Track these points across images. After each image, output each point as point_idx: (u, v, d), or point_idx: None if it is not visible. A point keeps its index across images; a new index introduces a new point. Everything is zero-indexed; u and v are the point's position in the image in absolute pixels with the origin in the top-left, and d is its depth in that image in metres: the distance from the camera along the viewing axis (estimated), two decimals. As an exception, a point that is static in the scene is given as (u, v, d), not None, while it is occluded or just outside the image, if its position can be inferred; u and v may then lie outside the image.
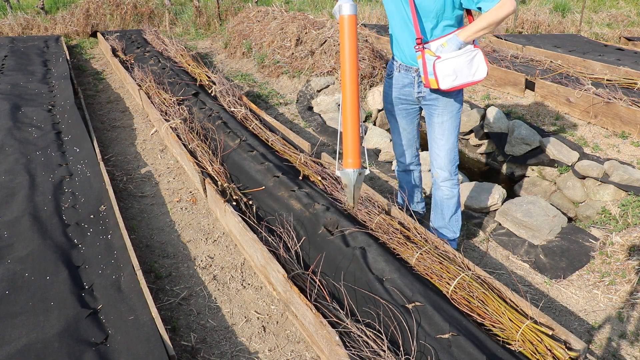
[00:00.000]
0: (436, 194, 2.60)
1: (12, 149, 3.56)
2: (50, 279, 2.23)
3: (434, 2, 2.14)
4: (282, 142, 3.59)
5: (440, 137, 2.44)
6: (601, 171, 3.53)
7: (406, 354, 1.81)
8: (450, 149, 2.45)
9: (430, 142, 2.52)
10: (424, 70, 2.22)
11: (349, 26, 2.00)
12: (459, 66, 2.16)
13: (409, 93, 2.47)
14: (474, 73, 2.20)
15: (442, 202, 2.59)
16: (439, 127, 2.43)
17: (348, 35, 2.01)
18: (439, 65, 2.16)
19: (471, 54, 2.18)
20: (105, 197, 2.94)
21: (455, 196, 2.56)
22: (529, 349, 1.76)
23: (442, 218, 2.63)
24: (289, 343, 2.12)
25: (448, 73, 2.16)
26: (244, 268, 2.61)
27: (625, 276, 2.53)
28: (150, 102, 4.42)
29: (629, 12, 10.13)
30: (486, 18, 2.08)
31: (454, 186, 2.54)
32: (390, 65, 2.54)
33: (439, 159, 2.49)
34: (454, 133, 2.44)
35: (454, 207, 2.59)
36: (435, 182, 2.57)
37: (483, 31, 2.11)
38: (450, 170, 2.50)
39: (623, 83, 4.85)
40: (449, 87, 2.19)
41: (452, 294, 2.04)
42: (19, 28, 8.38)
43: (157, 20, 9.26)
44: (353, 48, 2.03)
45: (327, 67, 5.46)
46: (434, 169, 2.55)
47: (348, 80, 2.07)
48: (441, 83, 2.18)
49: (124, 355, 1.83)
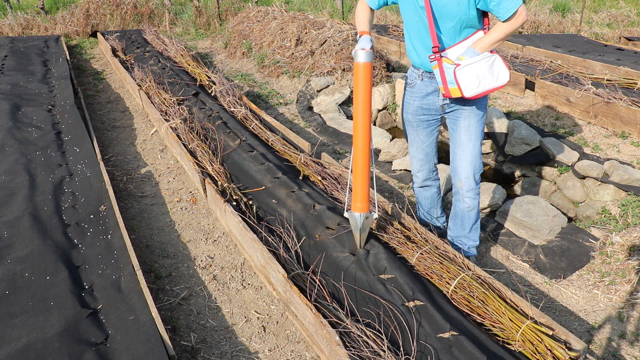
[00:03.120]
0: (457, 205, 2.50)
1: (12, 149, 3.56)
2: (50, 279, 2.23)
3: (457, 6, 2.06)
4: (282, 142, 3.59)
5: (467, 142, 2.34)
6: (601, 171, 3.53)
7: (406, 354, 1.81)
8: (477, 154, 2.36)
9: (455, 150, 2.41)
10: (443, 79, 2.15)
11: (364, 73, 2.03)
12: (480, 72, 2.09)
13: (432, 102, 2.38)
14: (497, 78, 2.14)
15: (462, 214, 2.49)
16: (465, 132, 2.34)
17: (362, 82, 2.04)
18: (460, 72, 2.08)
19: (490, 59, 2.12)
20: (105, 197, 2.94)
21: (476, 207, 2.46)
22: (529, 349, 1.76)
23: (461, 229, 2.55)
24: (289, 343, 2.12)
25: (471, 79, 2.09)
26: (244, 268, 2.61)
27: (625, 276, 2.53)
28: (150, 102, 4.42)
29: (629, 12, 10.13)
30: (503, 29, 2.04)
31: (477, 196, 2.44)
32: (411, 74, 2.44)
33: (464, 167, 2.38)
34: (480, 138, 2.36)
35: (475, 217, 2.50)
36: (458, 193, 2.45)
37: (499, 42, 2.09)
38: (477, 178, 2.40)
39: (623, 83, 4.85)
40: (473, 94, 2.11)
41: (453, 293, 2.04)
42: (19, 28, 8.38)
43: (157, 20, 9.26)
44: (367, 94, 2.05)
45: (327, 67, 5.46)
46: (458, 179, 2.43)
47: (360, 126, 2.08)
48: (465, 91, 2.10)
49: (124, 355, 1.83)
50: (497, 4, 2.03)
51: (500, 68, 2.14)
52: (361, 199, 2.16)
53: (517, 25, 2.03)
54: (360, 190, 2.15)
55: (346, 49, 5.56)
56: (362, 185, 2.15)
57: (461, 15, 2.08)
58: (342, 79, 5.38)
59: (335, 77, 5.41)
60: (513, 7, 2.00)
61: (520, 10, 2.02)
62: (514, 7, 2.00)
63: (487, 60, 2.11)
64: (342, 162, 3.90)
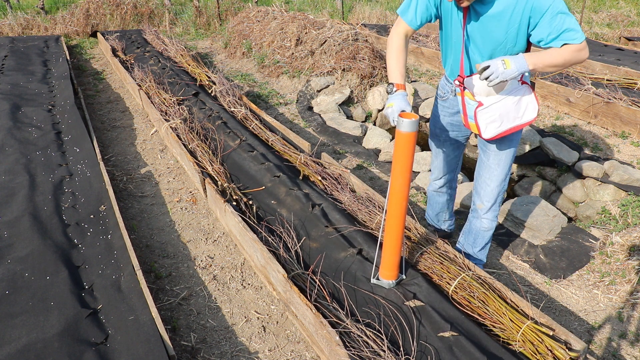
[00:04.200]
0: (474, 223, 2.39)
1: (12, 149, 3.56)
2: (50, 279, 2.23)
3: (505, 33, 1.82)
4: (282, 142, 3.59)
5: (495, 166, 2.18)
6: (601, 171, 3.53)
7: (406, 353, 1.81)
8: (503, 179, 2.21)
9: (480, 170, 2.26)
10: (464, 111, 2.00)
11: (408, 145, 1.73)
12: (505, 110, 1.89)
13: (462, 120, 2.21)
14: (522, 115, 1.93)
15: (477, 232, 2.39)
16: (494, 156, 2.17)
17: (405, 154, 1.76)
18: (481, 113, 1.90)
19: (518, 92, 1.91)
20: (105, 197, 2.94)
21: (493, 228, 2.35)
22: (530, 349, 1.76)
23: (472, 246, 2.45)
24: (289, 343, 2.12)
25: (493, 119, 1.90)
26: (244, 268, 2.60)
27: (625, 276, 2.53)
28: (150, 102, 4.42)
29: (629, 12, 10.13)
30: (565, 55, 1.75)
31: (495, 218, 2.33)
32: (444, 85, 2.24)
33: (487, 190, 2.24)
34: (510, 163, 2.19)
35: (489, 238, 2.40)
36: (476, 212, 2.34)
37: (554, 68, 1.79)
38: (498, 201, 2.27)
39: (623, 83, 4.85)
40: (493, 135, 1.93)
41: (453, 294, 2.04)
42: (19, 28, 8.38)
43: (157, 20, 9.26)
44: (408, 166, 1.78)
45: (327, 67, 5.46)
46: (478, 200, 2.30)
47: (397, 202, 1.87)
48: (484, 132, 1.93)
49: (124, 355, 1.83)
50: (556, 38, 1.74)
51: (529, 102, 1.93)
52: (391, 267, 2.05)
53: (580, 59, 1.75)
54: (393, 260, 2.03)
55: (346, 49, 5.56)
56: (394, 256, 2.02)
57: (507, 43, 1.86)
58: (342, 79, 5.38)
59: (335, 77, 5.41)
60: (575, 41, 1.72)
61: (584, 44, 1.73)
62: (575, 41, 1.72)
63: (514, 94, 1.91)
64: (342, 162, 3.90)
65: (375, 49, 5.80)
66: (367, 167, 3.81)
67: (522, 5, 1.75)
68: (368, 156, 4.01)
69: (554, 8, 1.71)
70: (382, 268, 2.09)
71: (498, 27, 1.83)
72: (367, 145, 4.26)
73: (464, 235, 2.51)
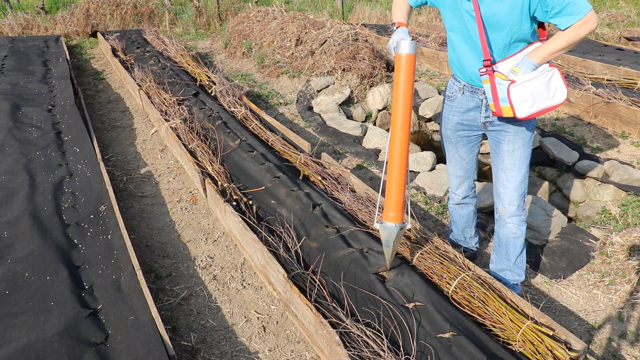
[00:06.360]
0: (501, 232, 2.29)
1: (12, 149, 3.56)
2: (50, 279, 2.23)
3: (509, 15, 1.82)
4: (282, 142, 3.59)
5: (510, 168, 2.13)
6: (601, 171, 3.53)
7: (406, 353, 1.81)
8: (521, 181, 2.14)
9: (497, 174, 2.21)
10: (494, 96, 1.94)
11: (408, 65, 1.79)
12: (536, 90, 1.87)
13: (474, 118, 2.18)
14: (553, 96, 1.90)
15: (507, 241, 2.28)
16: (509, 157, 2.12)
17: (404, 75, 1.80)
18: (514, 90, 1.87)
19: (547, 74, 1.88)
20: (105, 197, 2.94)
21: (523, 235, 2.25)
22: (530, 349, 1.76)
23: (506, 259, 2.32)
24: (289, 343, 2.12)
25: (525, 98, 1.87)
26: (244, 268, 2.60)
27: (625, 276, 2.53)
28: (150, 102, 4.42)
29: (629, 12, 10.12)
30: (565, 37, 1.77)
31: (522, 223, 2.23)
32: (451, 85, 2.23)
33: (507, 193, 2.17)
34: (526, 163, 2.13)
35: (521, 246, 2.28)
36: (501, 218, 2.26)
37: (560, 52, 1.82)
38: (520, 204, 2.19)
39: (623, 83, 4.85)
40: (526, 114, 1.90)
41: (453, 294, 2.04)
42: (19, 28, 8.38)
43: (157, 20, 9.26)
44: (409, 90, 1.80)
45: (327, 67, 5.46)
46: (500, 204, 2.23)
47: (399, 125, 1.85)
48: (518, 111, 1.89)
49: (124, 355, 1.83)
50: (559, 12, 1.75)
51: (558, 84, 1.91)
52: (395, 207, 1.90)
53: (583, 34, 1.74)
54: (395, 198, 1.89)
55: (346, 49, 5.56)
56: (398, 193, 1.88)
57: (512, 26, 1.85)
58: (342, 79, 5.38)
59: (335, 77, 5.41)
60: (579, 14, 1.71)
61: (588, 16, 1.71)
62: (580, 14, 1.71)
63: (544, 75, 1.87)
64: (342, 162, 3.90)
65: (375, 49, 5.80)
66: (367, 167, 3.81)
67: None
68: (368, 156, 4.01)
69: None
70: (385, 209, 1.95)
71: (502, 10, 1.83)
72: (367, 145, 4.26)
73: (495, 252, 2.40)
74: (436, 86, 5.70)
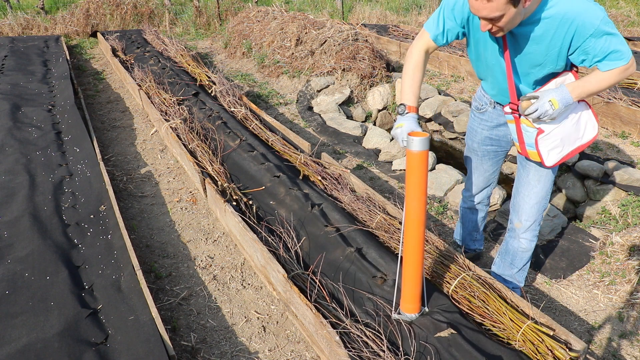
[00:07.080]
0: (511, 243, 2.23)
1: (12, 149, 3.56)
2: (50, 279, 2.23)
3: (544, 56, 1.71)
4: (282, 142, 3.59)
5: (536, 182, 2.03)
6: (601, 171, 3.53)
7: (406, 354, 1.81)
8: (544, 196, 2.05)
9: (519, 187, 2.11)
10: (520, 139, 1.86)
11: (421, 164, 1.62)
12: (566, 133, 1.77)
13: (504, 134, 2.10)
14: (582, 135, 1.81)
15: (515, 253, 2.23)
16: (535, 172, 2.02)
17: (418, 174, 1.64)
18: (542, 141, 1.79)
19: (576, 110, 1.78)
20: (105, 197, 2.93)
21: (532, 249, 2.20)
22: (530, 349, 1.76)
23: (510, 267, 2.29)
24: (289, 343, 2.12)
25: (555, 145, 1.79)
26: (244, 268, 2.60)
27: (625, 276, 2.53)
28: (150, 102, 4.42)
29: (629, 12, 10.12)
30: (609, 79, 1.65)
31: (534, 238, 2.17)
32: (481, 97, 2.11)
33: (527, 208, 2.08)
34: (552, 179, 2.03)
35: (528, 259, 2.25)
36: (514, 231, 2.19)
37: (599, 92, 1.72)
38: (538, 220, 2.11)
39: (623, 83, 4.85)
40: (555, 162, 1.81)
41: (453, 293, 2.04)
42: (19, 28, 8.38)
43: (157, 20, 9.26)
44: (422, 189, 1.66)
45: (327, 67, 5.46)
46: (516, 218, 2.14)
47: (414, 227, 1.73)
48: (547, 160, 1.82)
49: (124, 355, 1.83)
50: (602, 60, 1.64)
51: (588, 120, 1.80)
52: (413, 299, 1.90)
53: (624, 78, 1.66)
54: (414, 290, 1.88)
55: (346, 49, 5.56)
56: (415, 285, 1.86)
57: (547, 64, 1.75)
58: (342, 79, 5.38)
59: (335, 77, 5.41)
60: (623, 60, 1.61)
61: (631, 62, 1.61)
62: (624, 60, 1.61)
63: (573, 116, 1.78)
64: (342, 162, 3.90)
65: (375, 49, 5.80)
66: (367, 167, 3.81)
67: (564, 28, 1.63)
68: (368, 156, 4.01)
69: (599, 30, 1.58)
70: (404, 301, 1.91)
71: (537, 50, 1.72)
72: (367, 145, 4.26)
73: (499, 256, 2.36)
74: (436, 86, 5.70)
